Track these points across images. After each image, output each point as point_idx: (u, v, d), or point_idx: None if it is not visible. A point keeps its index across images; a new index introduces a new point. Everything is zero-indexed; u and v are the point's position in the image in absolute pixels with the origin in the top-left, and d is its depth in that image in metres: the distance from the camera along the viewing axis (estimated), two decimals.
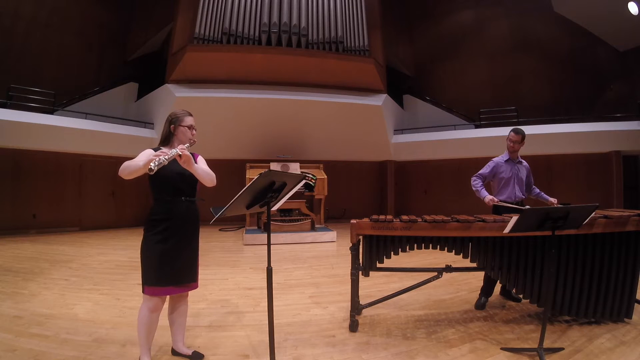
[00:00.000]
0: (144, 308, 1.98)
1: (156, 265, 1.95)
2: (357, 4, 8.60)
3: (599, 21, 8.83)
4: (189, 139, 2.12)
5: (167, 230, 1.98)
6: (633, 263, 2.60)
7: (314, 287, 3.81)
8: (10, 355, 2.16)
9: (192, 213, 2.11)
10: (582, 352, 2.23)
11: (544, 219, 2.07)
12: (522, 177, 3.34)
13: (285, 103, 8.30)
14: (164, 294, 2.00)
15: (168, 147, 2.11)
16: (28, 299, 3.24)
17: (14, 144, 7.02)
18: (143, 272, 1.99)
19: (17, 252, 5.43)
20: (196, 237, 2.16)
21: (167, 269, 1.97)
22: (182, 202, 2.05)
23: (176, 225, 2.01)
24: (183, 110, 2.18)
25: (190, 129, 2.14)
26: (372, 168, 10.77)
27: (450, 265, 2.71)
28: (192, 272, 2.11)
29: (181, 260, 2.03)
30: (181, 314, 2.18)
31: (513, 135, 3.28)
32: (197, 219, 2.15)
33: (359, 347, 2.37)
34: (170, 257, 1.98)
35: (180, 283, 2.03)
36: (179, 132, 2.11)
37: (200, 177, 2.03)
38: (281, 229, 6.82)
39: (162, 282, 1.96)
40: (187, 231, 2.07)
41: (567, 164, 8.53)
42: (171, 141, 2.12)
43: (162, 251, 1.96)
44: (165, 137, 2.13)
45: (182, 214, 2.04)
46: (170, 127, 2.12)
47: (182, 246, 2.04)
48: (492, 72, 10.12)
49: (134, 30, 9.95)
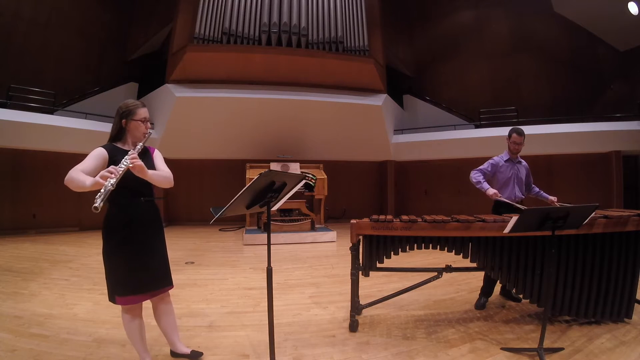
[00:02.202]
0: (125, 317, 1.92)
1: (125, 273, 1.84)
2: (357, 4, 8.59)
3: (599, 21, 8.84)
4: (143, 133, 1.93)
5: (129, 235, 1.85)
6: (633, 263, 2.60)
7: (314, 287, 3.81)
8: (10, 355, 2.16)
9: (152, 213, 1.99)
10: (582, 352, 2.23)
11: (544, 219, 2.07)
12: (522, 177, 3.34)
13: (285, 103, 8.29)
14: (137, 302, 1.91)
15: (121, 143, 1.94)
16: (28, 299, 3.24)
17: (14, 144, 7.01)
18: (110, 283, 1.87)
19: (17, 252, 5.42)
20: (161, 237, 2.04)
21: (137, 276, 1.86)
22: (141, 204, 1.91)
23: (138, 229, 1.88)
24: (134, 101, 1.97)
25: (144, 122, 1.94)
26: (372, 168, 10.76)
27: (450, 265, 2.71)
28: (164, 275, 1.99)
29: (150, 265, 1.92)
30: (168, 314, 2.10)
31: (517, 137, 3.26)
32: (158, 218, 2.04)
33: (359, 347, 2.37)
34: (137, 263, 1.86)
35: (153, 289, 1.94)
36: (131, 127, 1.91)
37: (156, 183, 1.87)
38: (281, 229, 6.81)
39: (133, 290, 1.86)
40: (150, 233, 1.95)
41: (567, 164, 8.53)
42: (124, 137, 1.94)
43: (127, 258, 1.84)
44: (116, 132, 1.93)
45: (142, 216, 1.91)
46: (121, 121, 1.91)
47: (148, 249, 1.92)
48: (492, 72, 10.12)
49: (134, 30, 9.95)
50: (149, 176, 1.80)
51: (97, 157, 1.79)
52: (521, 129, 3.30)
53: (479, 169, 3.33)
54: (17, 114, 6.73)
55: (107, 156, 1.83)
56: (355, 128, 9.04)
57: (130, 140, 1.95)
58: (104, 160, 1.81)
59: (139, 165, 1.72)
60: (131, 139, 1.94)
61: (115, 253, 1.85)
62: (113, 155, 1.84)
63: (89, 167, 1.72)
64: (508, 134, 3.34)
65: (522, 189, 3.35)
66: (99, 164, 1.78)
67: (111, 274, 1.87)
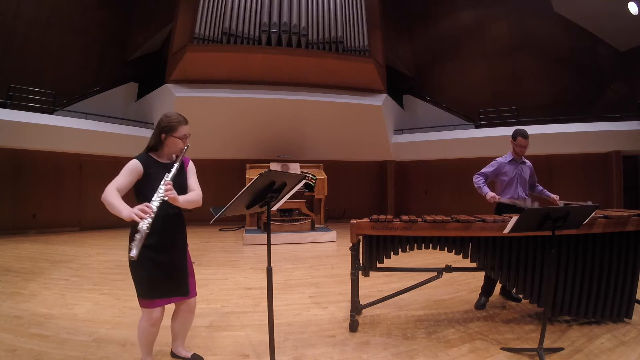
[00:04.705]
0: (144, 321, 1.92)
1: (150, 277, 1.87)
2: (357, 4, 8.60)
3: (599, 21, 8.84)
4: (180, 149, 1.96)
5: (155, 243, 1.86)
6: (633, 263, 2.60)
7: (314, 287, 3.81)
8: (10, 355, 2.16)
9: (179, 224, 2.02)
10: (582, 352, 2.23)
11: (544, 219, 2.07)
12: (526, 178, 3.32)
13: (285, 103, 8.29)
14: (156, 306, 1.92)
15: (156, 154, 1.98)
16: (28, 299, 3.24)
17: (14, 144, 7.01)
18: (136, 285, 1.90)
19: (17, 252, 5.42)
20: (185, 248, 2.07)
21: (161, 281, 1.89)
22: (169, 214, 1.93)
23: (164, 237, 1.91)
24: (178, 116, 1.97)
25: (184, 139, 1.96)
26: (372, 168, 10.76)
27: (450, 265, 2.71)
28: (185, 283, 2.01)
29: (174, 272, 1.95)
30: (185, 323, 2.12)
31: (522, 140, 3.22)
32: (184, 230, 2.07)
33: (359, 347, 2.37)
34: (162, 269, 1.90)
35: (175, 294, 1.97)
36: (169, 142, 1.94)
37: (186, 207, 1.91)
38: (281, 229, 6.81)
39: (157, 294, 1.89)
40: (176, 242, 1.99)
41: (567, 164, 8.53)
42: (160, 149, 1.98)
43: (153, 264, 1.86)
44: (154, 144, 1.96)
45: (169, 226, 1.94)
46: (160, 135, 1.94)
47: (173, 258, 1.95)
48: (492, 72, 10.12)
49: (134, 30, 9.95)
50: (180, 204, 1.86)
51: (131, 172, 1.84)
52: (526, 131, 3.27)
53: (481, 172, 3.33)
54: (17, 114, 6.74)
55: (141, 170, 1.87)
56: (355, 128, 9.05)
57: (166, 153, 1.98)
58: (139, 175, 1.86)
59: (172, 198, 1.78)
60: (167, 153, 1.98)
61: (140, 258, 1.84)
62: (147, 168, 1.88)
63: (123, 183, 1.79)
64: (513, 137, 3.30)
65: (526, 190, 3.33)
66: (133, 179, 1.85)
67: (137, 278, 1.90)
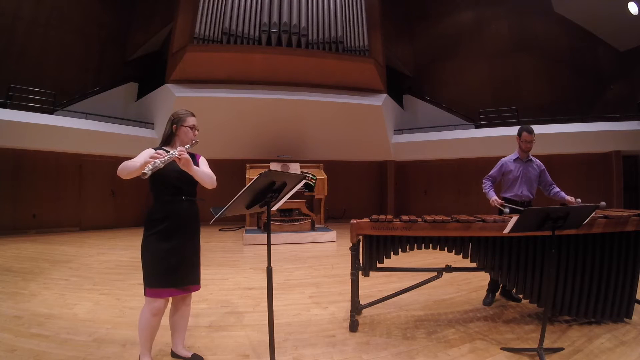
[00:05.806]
0: (146, 311, 1.95)
1: (157, 266, 1.93)
2: (357, 4, 8.60)
3: (599, 21, 8.84)
4: (190, 139, 2.11)
5: (167, 231, 1.96)
6: (633, 263, 2.60)
7: (314, 287, 3.81)
8: (10, 355, 2.16)
9: (192, 213, 2.09)
10: (582, 352, 2.23)
11: (543, 219, 2.07)
12: (531, 177, 3.29)
13: (285, 103, 8.29)
14: (166, 296, 1.98)
15: (170, 147, 2.10)
16: (28, 299, 3.24)
17: (14, 144, 7.02)
18: (144, 274, 1.97)
19: (17, 252, 5.42)
20: (197, 237, 2.14)
21: (168, 270, 1.94)
22: (182, 202, 2.03)
23: (176, 225, 1.99)
24: (185, 111, 2.17)
25: (192, 129, 2.13)
26: (372, 168, 10.76)
27: (450, 265, 2.71)
28: (193, 273, 2.08)
29: (182, 261, 2.00)
30: (183, 317, 2.16)
31: (527, 135, 3.21)
32: (197, 218, 2.13)
33: (359, 347, 2.37)
34: (171, 257, 1.95)
35: (182, 285, 2.01)
36: (180, 133, 2.10)
37: (199, 179, 2.01)
38: (281, 229, 6.81)
39: (163, 283, 1.94)
40: (187, 231, 2.05)
41: (567, 164, 8.52)
42: (173, 141, 2.12)
43: (162, 252, 1.93)
44: (167, 137, 2.13)
45: (182, 214, 2.02)
46: (172, 127, 2.11)
47: (183, 247, 2.01)
48: (492, 72, 10.12)
49: (134, 30, 9.95)
50: (193, 171, 1.95)
51: (145, 154, 1.94)
52: (531, 127, 3.26)
53: (489, 176, 3.37)
54: (17, 114, 6.74)
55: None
56: (355, 128, 9.05)
57: (178, 144, 2.10)
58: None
59: (185, 158, 1.86)
60: (179, 144, 2.08)
61: (151, 245, 1.96)
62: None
63: (138, 161, 1.87)
64: (518, 133, 3.31)
65: (532, 189, 3.30)
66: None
67: (145, 265, 1.97)
